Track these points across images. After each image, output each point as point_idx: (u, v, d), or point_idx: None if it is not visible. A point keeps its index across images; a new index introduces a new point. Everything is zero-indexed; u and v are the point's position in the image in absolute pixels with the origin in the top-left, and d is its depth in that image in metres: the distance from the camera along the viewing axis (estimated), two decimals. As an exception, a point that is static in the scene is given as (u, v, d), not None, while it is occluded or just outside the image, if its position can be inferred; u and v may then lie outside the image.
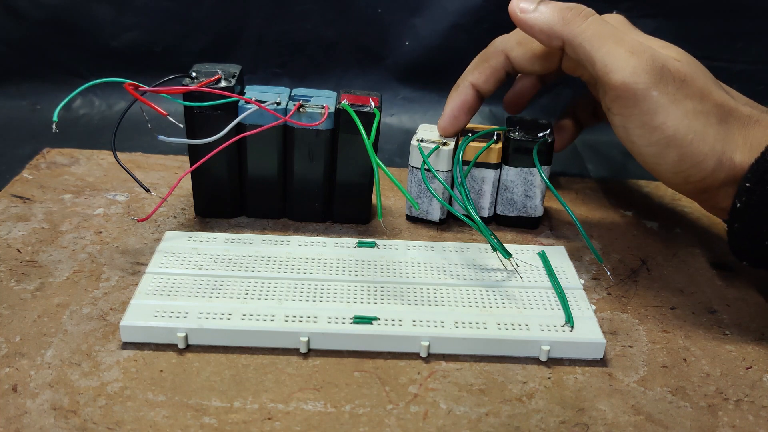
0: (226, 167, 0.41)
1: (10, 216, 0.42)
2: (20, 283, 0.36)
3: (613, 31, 0.35)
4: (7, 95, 0.59)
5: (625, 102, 0.34)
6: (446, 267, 0.37)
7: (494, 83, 0.41)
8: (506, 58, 0.40)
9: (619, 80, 0.34)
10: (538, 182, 0.42)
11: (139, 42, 0.58)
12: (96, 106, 0.59)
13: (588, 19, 0.35)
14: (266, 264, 0.37)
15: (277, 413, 0.29)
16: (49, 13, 0.57)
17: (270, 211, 0.43)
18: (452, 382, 0.31)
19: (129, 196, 0.45)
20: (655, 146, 0.34)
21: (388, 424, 0.29)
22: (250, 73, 0.43)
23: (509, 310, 0.34)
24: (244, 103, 0.38)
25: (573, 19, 0.35)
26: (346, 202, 0.42)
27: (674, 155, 0.34)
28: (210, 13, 0.58)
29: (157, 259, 0.37)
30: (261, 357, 0.32)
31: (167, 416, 0.29)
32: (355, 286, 0.35)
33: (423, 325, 0.33)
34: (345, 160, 0.41)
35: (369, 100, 0.39)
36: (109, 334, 0.33)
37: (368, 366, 0.32)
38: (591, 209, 0.47)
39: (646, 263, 0.41)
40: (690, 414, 0.30)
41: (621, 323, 0.36)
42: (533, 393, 0.31)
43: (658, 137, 0.34)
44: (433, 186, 0.41)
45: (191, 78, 0.39)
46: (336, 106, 0.39)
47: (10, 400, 0.29)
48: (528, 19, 0.36)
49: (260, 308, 0.33)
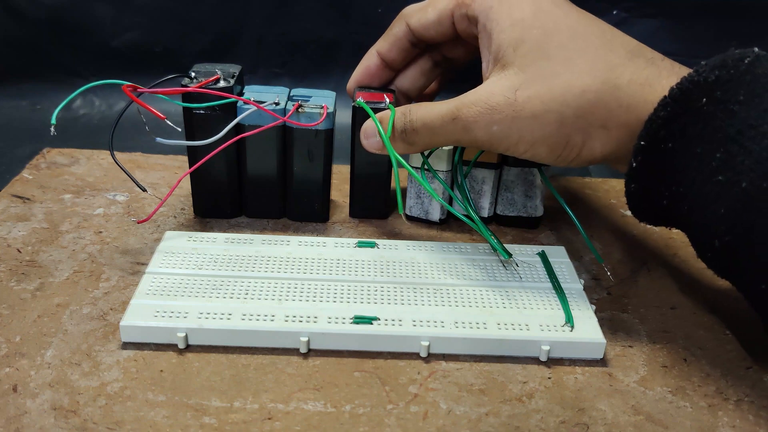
0: (225, 168, 0.41)
1: (10, 216, 0.42)
2: (20, 283, 0.36)
3: (433, 119, 0.35)
4: (7, 95, 0.59)
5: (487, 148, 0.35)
6: (446, 267, 0.37)
7: (398, 52, 0.41)
8: (406, 25, 0.40)
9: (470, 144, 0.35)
10: (538, 182, 0.42)
11: (139, 42, 0.58)
12: (96, 106, 0.59)
13: (414, 125, 0.36)
14: (266, 264, 0.37)
15: (277, 413, 0.29)
16: (49, 13, 0.57)
17: (270, 211, 0.43)
18: (452, 382, 0.31)
19: (129, 196, 0.45)
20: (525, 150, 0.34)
21: (388, 424, 0.29)
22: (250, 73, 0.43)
23: (509, 310, 0.34)
24: (243, 103, 0.38)
25: (406, 139, 0.36)
26: (363, 197, 0.43)
27: (543, 149, 0.34)
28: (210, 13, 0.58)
29: (157, 259, 0.37)
30: (261, 357, 0.32)
31: (167, 416, 0.29)
32: (355, 286, 0.35)
33: (423, 325, 0.33)
34: (362, 157, 0.41)
35: (384, 97, 0.40)
36: (109, 334, 0.33)
37: (368, 366, 0.32)
38: (591, 209, 0.47)
39: (646, 263, 0.41)
40: (690, 414, 0.30)
41: (621, 323, 0.36)
42: (533, 393, 0.31)
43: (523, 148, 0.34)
44: (433, 186, 0.41)
45: (190, 78, 0.39)
46: (352, 104, 0.39)
47: (10, 400, 0.29)
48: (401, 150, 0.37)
49: (260, 308, 0.33)
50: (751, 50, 0.30)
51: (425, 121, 0.36)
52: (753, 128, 0.29)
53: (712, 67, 0.30)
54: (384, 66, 0.41)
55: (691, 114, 0.30)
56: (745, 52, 0.30)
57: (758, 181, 0.28)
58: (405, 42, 0.40)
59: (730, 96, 0.29)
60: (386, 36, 0.41)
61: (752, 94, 0.29)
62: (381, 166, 0.42)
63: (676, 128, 0.31)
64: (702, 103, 0.30)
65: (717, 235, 0.30)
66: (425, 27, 0.39)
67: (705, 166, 0.30)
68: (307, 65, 0.60)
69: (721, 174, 0.29)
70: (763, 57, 0.30)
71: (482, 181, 0.42)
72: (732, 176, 0.29)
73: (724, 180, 0.29)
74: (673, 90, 0.30)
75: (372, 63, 0.41)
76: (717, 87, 0.30)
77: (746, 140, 0.29)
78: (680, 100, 0.30)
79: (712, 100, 0.30)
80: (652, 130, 0.31)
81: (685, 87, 0.30)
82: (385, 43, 0.41)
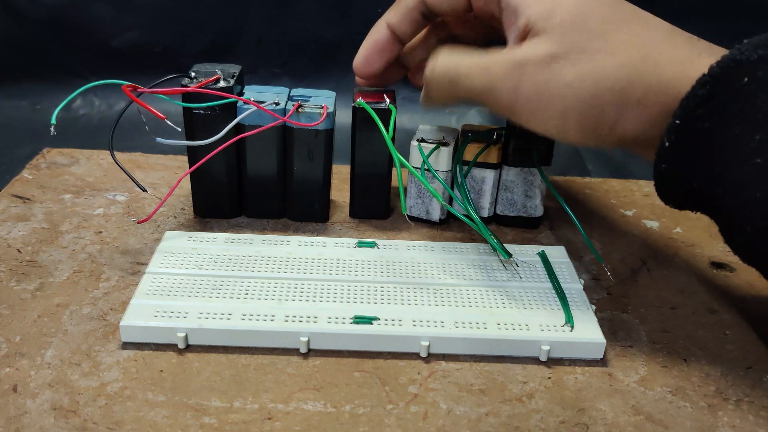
0: (225, 168, 0.41)
1: (10, 216, 0.42)
2: (20, 283, 0.36)
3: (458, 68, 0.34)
4: (7, 95, 0.59)
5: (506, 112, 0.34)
6: (446, 267, 0.37)
7: (409, 24, 0.38)
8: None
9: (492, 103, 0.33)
10: (538, 182, 0.42)
11: (139, 42, 0.58)
12: (96, 106, 0.60)
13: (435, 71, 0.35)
14: (266, 264, 0.37)
15: (277, 413, 0.29)
16: (49, 13, 0.57)
17: (270, 211, 0.43)
18: (452, 382, 0.31)
19: (129, 196, 0.45)
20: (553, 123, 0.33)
21: (388, 424, 0.29)
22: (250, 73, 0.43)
23: (509, 310, 0.34)
24: (243, 103, 0.38)
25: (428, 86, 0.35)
26: (363, 197, 0.43)
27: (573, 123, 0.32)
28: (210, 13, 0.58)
29: (157, 259, 0.37)
30: (261, 357, 0.32)
31: (167, 416, 0.29)
32: (355, 286, 0.35)
33: (423, 325, 0.33)
34: (363, 157, 0.41)
35: (384, 97, 0.40)
36: (109, 334, 0.33)
37: (368, 366, 0.32)
38: (591, 209, 0.47)
39: (646, 263, 0.41)
40: (690, 414, 0.30)
41: (621, 323, 0.36)
42: (533, 393, 0.31)
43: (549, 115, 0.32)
44: (433, 186, 0.41)
45: (190, 78, 0.39)
46: (352, 104, 0.39)
47: (10, 400, 0.29)
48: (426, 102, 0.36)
49: (260, 308, 0.33)
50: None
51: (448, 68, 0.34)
52: None
53: (756, 45, 0.29)
54: (394, 39, 0.39)
55: (731, 93, 0.29)
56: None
57: None
58: (416, 13, 0.38)
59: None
60: (397, 7, 0.39)
61: None
62: (381, 166, 0.42)
63: (715, 107, 0.29)
64: (744, 82, 0.29)
65: (750, 220, 0.29)
66: None
67: (743, 148, 0.29)
68: (307, 65, 0.60)
69: (759, 156, 0.28)
70: None
71: (482, 181, 0.42)
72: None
73: (762, 162, 0.28)
74: (712, 68, 0.29)
75: (381, 36, 0.39)
76: (759, 66, 0.29)
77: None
78: (721, 78, 0.29)
79: (754, 80, 0.29)
80: (688, 108, 0.30)
81: (726, 65, 0.29)
82: (395, 14, 0.39)
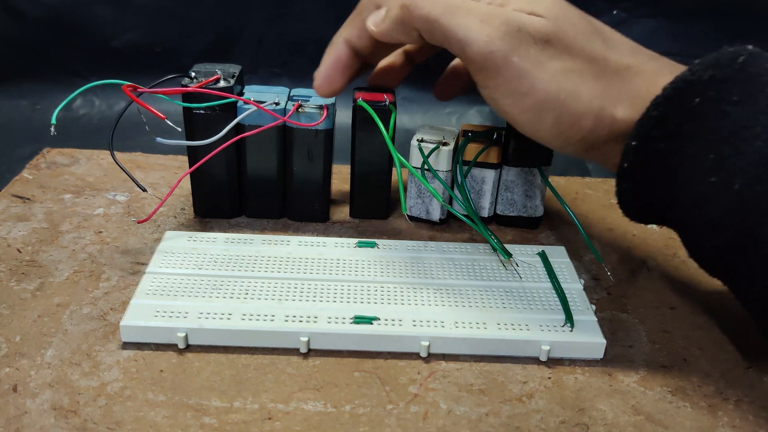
0: (225, 167, 0.41)
1: (10, 216, 0.42)
2: (20, 283, 0.36)
3: (460, 1, 0.33)
4: (7, 95, 0.59)
5: (487, 73, 0.32)
6: (446, 267, 0.37)
7: (368, 39, 0.36)
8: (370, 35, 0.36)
9: (476, 52, 0.32)
10: (538, 182, 0.42)
11: (139, 42, 0.58)
12: (96, 106, 0.60)
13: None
14: (266, 264, 0.37)
15: (277, 413, 0.29)
16: (49, 13, 0.57)
17: (270, 211, 0.43)
18: (452, 382, 0.31)
19: (129, 196, 0.45)
20: (529, 112, 0.32)
21: (388, 424, 0.29)
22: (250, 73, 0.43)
23: (509, 310, 0.34)
24: (243, 103, 0.38)
25: (416, 4, 0.33)
26: (363, 197, 0.43)
27: (550, 119, 0.32)
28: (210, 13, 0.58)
29: (157, 259, 0.37)
30: (261, 357, 0.32)
31: (167, 416, 0.29)
32: (355, 286, 0.35)
33: (423, 325, 0.33)
34: (363, 157, 0.41)
35: (384, 97, 0.40)
36: (109, 334, 0.33)
37: (368, 366, 0.32)
38: (591, 209, 0.47)
39: (646, 263, 0.41)
40: (690, 414, 0.30)
41: (621, 323, 0.36)
42: (533, 393, 0.31)
43: (529, 103, 0.32)
44: (433, 186, 0.41)
45: (190, 78, 0.39)
46: (353, 104, 0.39)
47: (10, 400, 0.29)
48: (383, 32, 0.35)
49: (260, 308, 0.33)
50: (744, 48, 0.30)
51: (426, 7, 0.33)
52: (746, 129, 0.28)
53: (706, 66, 0.29)
54: (355, 55, 0.38)
55: (684, 114, 0.30)
56: (738, 50, 0.30)
57: (751, 184, 0.28)
58: None
59: (724, 96, 0.29)
60: (355, 22, 0.37)
61: (746, 93, 0.29)
62: (381, 166, 0.42)
63: (669, 128, 0.30)
64: (695, 103, 0.29)
65: (709, 237, 0.30)
66: None
67: (698, 167, 0.30)
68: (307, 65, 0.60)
69: (714, 175, 0.29)
70: (757, 54, 0.30)
71: (482, 181, 0.42)
72: (725, 178, 0.29)
73: (717, 182, 0.29)
74: (666, 89, 0.30)
75: (342, 53, 0.38)
76: (711, 87, 0.29)
77: (739, 142, 0.28)
78: (673, 99, 0.30)
79: (706, 100, 0.29)
80: (644, 129, 0.30)
81: (679, 86, 0.30)
82: (354, 31, 0.37)
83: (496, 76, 0.32)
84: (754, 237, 0.28)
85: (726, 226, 0.29)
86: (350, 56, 0.38)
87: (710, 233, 0.30)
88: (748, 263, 0.29)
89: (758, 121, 0.28)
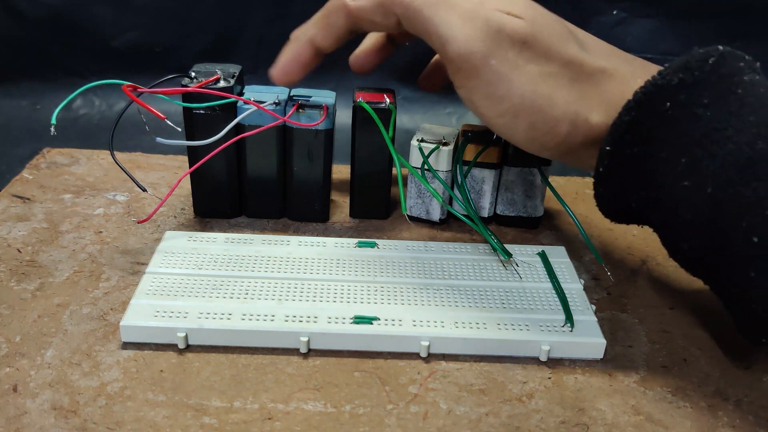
0: (225, 167, 0.41)
1: (10, 216, 0.42)
2: (20, 283, 0.36)
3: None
4: (7, 95, 0.59)
5: (465, 74, 0.32)
6: (446, 267, 0.37)
7: (336, 41, 0.36)
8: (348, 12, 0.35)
9: (455, 52, 0.31)
10: (538, 182, 0.42)
11: (139, 42, 0.58)
12: (96, 106, 0.60)
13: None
14: (266, 264, 0.37)
15: (277, 413, 0.29)
16: (49, 13, 0.57)
17: (270, 211, 0.43)
18: (452, 382, 0.31)
19: (129, 196, 0.45)
20: (505, 116, 0.32)
21: (388, 424, 0.29)
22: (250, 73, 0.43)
23: (509, 310, 0.34)
24: (243, 103, 0.38)
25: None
26: (363, 197, 0.43)
27: (525, 123, 0.32)
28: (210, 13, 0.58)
29: (157, 259, 0.37)
30: (261, 357, 0.32)
31: (167, 416, 0.29)
32: (355, 286, 0.35)
33: (423, 325, 0.33)
34: (363, 157, 0.41)
35: (384, 97, 0.40)
36: (109, 334, 0.33)
37: (368, 366, 0.32)
38: (591, 209, 0.47)
39: (646, 263, 0.41)
40: (690, 414, 0.30)
41: (621, 323, 0.36)
42: (533, 393, 0.31)
43: (505, 107, 0.32)
44: (433, 186, 0.41)
45: (190, 78, 0.39)
46: (353, 104, 0.39)
47: (10, 400, 0.29)
48: (360, 7, 0.34)
49: (260, 308, 0.33)
50: (715, 48, 0.30)
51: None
52: (717, 131, 0.28)
53: (676, 69, 0.29)
54: (317, 53, 0.37)
55: (655, 118, 0.30)
56: (709, 51, 0.29)
57: (723, 186, 0.28)
58: (344, 32, 0.36)
59: (694, 99, 0.29)
60: (321, 25, 0.36)
61: (717, 96, 0.29)
62: (381, 166, 0.42)
63: (641, 133, 0.30)
64: (666, 107, 0.29)
65: (685, 239, 0.30)
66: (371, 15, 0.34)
67: (671, 171, 0.30)
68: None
69: (687, 179, 0.29)
70: (728, 54, 0.29)
71: (482, 181, 0.42)
72: (698, 181, 0.29)
73: (690, 185, 0.29)
74: (636, 94, 0.30)
75: (305, 51, 0.37)
76: (681, 90, 0.29)
77: (711, 145, 0.28)
78: (644, 104, 0.30)
79: (677, 104, 0.29)
80: (617, 134, 0.30)
81: (649, 91, 0.29)
82: (322, 35, 0.36)
83: (474, 77, 0.32)
84: (728, 238, 0.28)
85: (701, 228, 0.29)
86: (312, 54, 0.37)
87: (686, 235, 0.30)
88: (724, 264, 0.29)
89: (729, 123, 0.28)
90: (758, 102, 0.28)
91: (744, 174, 0.28)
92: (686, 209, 0.30)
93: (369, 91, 0.40)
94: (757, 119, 0.28)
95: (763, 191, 0.27)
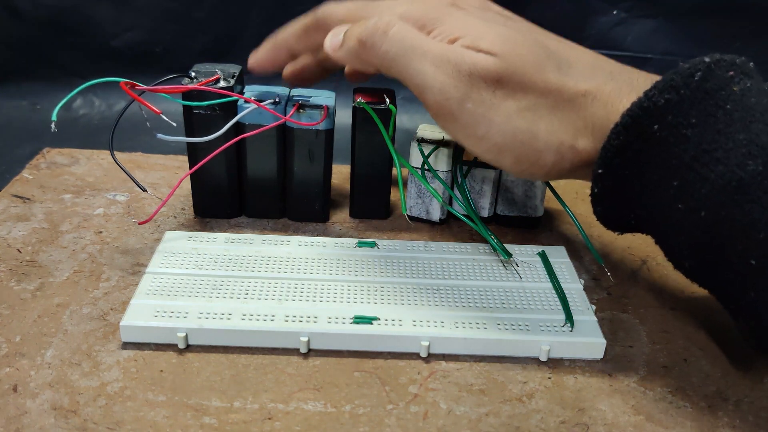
0: (225, 167, 0.41)
1: (10, 216, 0.42)
2: (20, 283, 0.36)
3: (415, 42, 0.32)
4: (7, 95, 0.59)
5: (444, 119, 0.32)
6: (446, 267, 0.37)
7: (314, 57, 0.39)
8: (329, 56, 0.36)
9: (431, 100, 0.32)
10: (538, 182, 0.42)
11: (139, 42, 0.58)
12: (96, 106, 0.60)
13: (388, 34, 0.32)
14: (266, 264, 0.37)
15: (277, 413, 0.29)
16: (49, 13, 0.57)
17: (270, 211, 0.43)
18: (452, 382, 0.31)
19: (129, 196, 0.45)
20: (490, 153, 0.32)
21: (388, 424, 0.29)
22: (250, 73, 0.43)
23: (509, 310, 0.34)
24: (244, 102, 0.38)
25: (373, 42, 0.33)
26: (363, 197, 0.43)
27: (510, 158, 0.32)
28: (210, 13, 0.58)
29: (157, 259, 0.37)
30: (261, 357, 0.32)
31: (167, 416, 0.29)
32: (355, 286, 0.35)
33: (423, 325, 0.33)
34: (363, 157, 0.41)
35: (384, 97, 0.40)
36: (109, 334, 0.33)
37: (368, 366, 0.32)
38: (591, 209, 0.47)
39: (646, 263, 0.41)
40: (690, 414, 0.30)
41: (621, 323, 0.36)
42: (533, 393, 0.31)
43: (487, 146, 0.32)
44: (433, 186, 0.41)
45: (190, 78, 0.39)
46: (353, 104, 0.39)
47: (10, 400, 0.29)
48: (340, 59, 0.35)
49: (260, 308, 0.33)
50: (702, 61, 0.28)
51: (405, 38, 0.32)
52: (707, 153, 0.28)
53: (662, 89, 0.28)
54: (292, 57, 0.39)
55: (644, 141, 0.29)
56: (695, 65, 0.28)
57: (716, 210, 0.28)
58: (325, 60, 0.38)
59: (682, 120, 0.28)
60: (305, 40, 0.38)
61: (705, 113, 0.28)
62: (381, 166, 0.42)
63: (631, 156, 0.30)
64: (654, 129, 0.29)
65: (685, 258, 0.30)
66: None
67: (663, 194, 0.30)
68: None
69: (680, 202, 0.29)
70: (715, 64, 0.29)
71: (482, 181, 0.42)
72: (691, 204, 0.28)
73: (683, 208, 0.29)
74: (624, 116, 0.29)
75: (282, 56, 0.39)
76: (668, 111, 0.28)
77: (701, 167, 0.28)
78: (631, 127, 0.29)
79: (664, 126, 0.29)
80: (607, 158, 0.30)
81: (636, 114, 0.29)
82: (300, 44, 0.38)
83: (453, 121, 0.32)
84: (726, 260, 0.28)
85: (698, 250, 0.29)
86: (289, 58, 0.39)
87: (684, 254, 0.30)
88: (725, 280, 0.29)
89: (719, 143, 0.27)
90: (749, 115, 0.28)
91: (736, 197, 0.27)
92: (681, 232, 0.29)
93: (369, 92, 0.41)
94: (747, 136, 0.27)
95: (758, 213, 0.27)
